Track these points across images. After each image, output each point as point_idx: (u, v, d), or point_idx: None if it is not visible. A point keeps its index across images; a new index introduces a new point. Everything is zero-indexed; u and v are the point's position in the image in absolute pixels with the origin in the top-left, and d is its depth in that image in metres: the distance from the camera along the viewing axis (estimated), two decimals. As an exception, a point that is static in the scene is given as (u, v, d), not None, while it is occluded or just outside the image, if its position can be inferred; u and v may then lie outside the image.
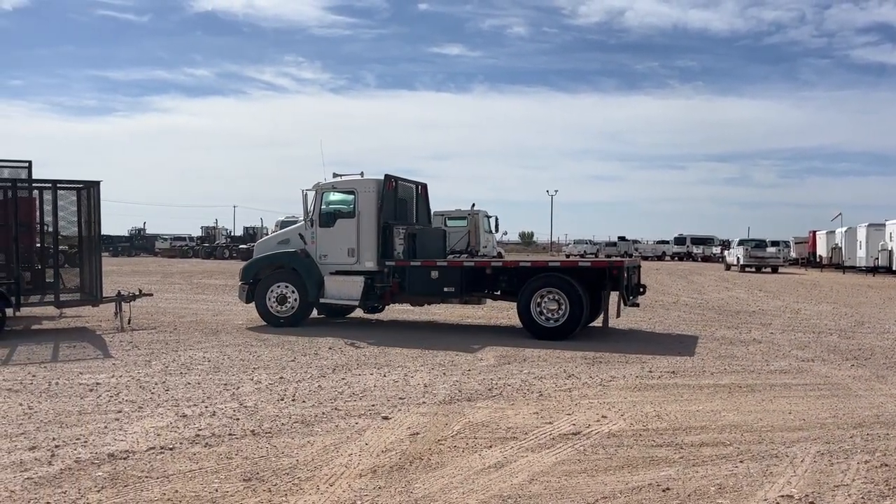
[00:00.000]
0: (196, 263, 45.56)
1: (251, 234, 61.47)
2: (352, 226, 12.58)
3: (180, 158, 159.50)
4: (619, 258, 14.80)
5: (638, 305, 12.81)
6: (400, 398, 6.99)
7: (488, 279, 12.30)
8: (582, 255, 68.09)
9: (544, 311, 11.38)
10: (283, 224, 49.86)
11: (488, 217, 30.72)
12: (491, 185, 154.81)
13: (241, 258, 50.33)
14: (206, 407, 6.55)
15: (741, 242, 43.33)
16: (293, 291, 12.54)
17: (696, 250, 60.87)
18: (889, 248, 35.08)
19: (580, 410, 6.54)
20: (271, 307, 12.62)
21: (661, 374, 8.34)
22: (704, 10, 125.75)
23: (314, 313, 13.28)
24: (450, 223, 30.00)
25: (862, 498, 4.30)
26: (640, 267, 13.21)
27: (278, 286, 12.62)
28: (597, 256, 68.14)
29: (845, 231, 43.28)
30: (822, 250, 47.34)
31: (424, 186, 14.18)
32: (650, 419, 6.23)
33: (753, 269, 38.82)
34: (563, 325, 11.33)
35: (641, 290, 12.54)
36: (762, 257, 39.33)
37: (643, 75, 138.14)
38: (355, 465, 4.93)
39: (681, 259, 60.43)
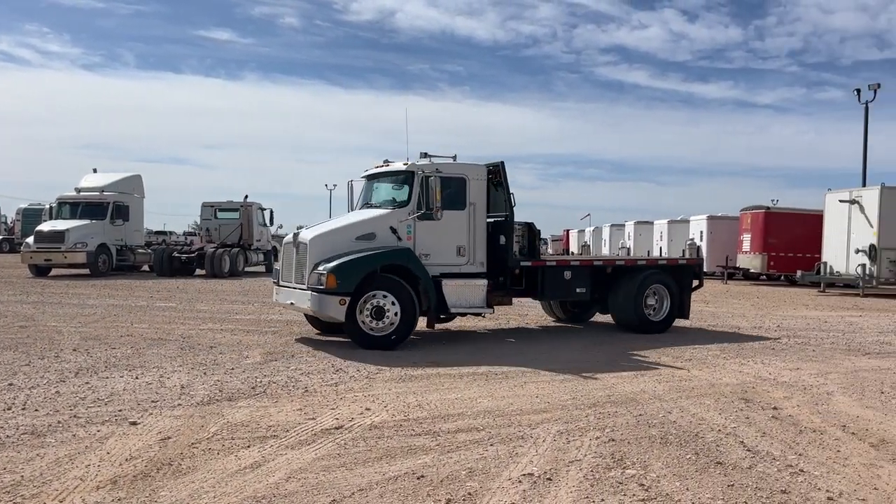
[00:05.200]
0: (-88, 255, 38.98)
1: (-14, 222, 53.96)
2: (461, 219, 10.64)
3: None
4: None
5: None
6: (152, 401, 6.51)
7: (608, 278, 12.05)
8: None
9: (647, 306, 12.00)
10: (24, 212, 44.50)
11: (262, 209, 29.82)
12: (267, 178, 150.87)
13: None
14: None
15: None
16: (393, 303, 9.76)
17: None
18: (627, 246, 39.60)
19: (345, 404, 6.54)
20: (363, 323, 9.74)
21: (426, 366, 8.61)
22: (469, 18, 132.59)
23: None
24: (220, 215, 28.73)
25: (591, 471, 4.75)
26: None
27: (374, 295, 9.75)
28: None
29: (592, 230, 48.32)
30: (574, 247, 52.16)
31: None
32: (412, 409, 6.40)
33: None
34: (665, 319, 12.17)
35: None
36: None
37: (415, 76, 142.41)
38: (93, 476, 4.49)
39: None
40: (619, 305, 12.09)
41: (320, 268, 9.71)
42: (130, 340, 10.12)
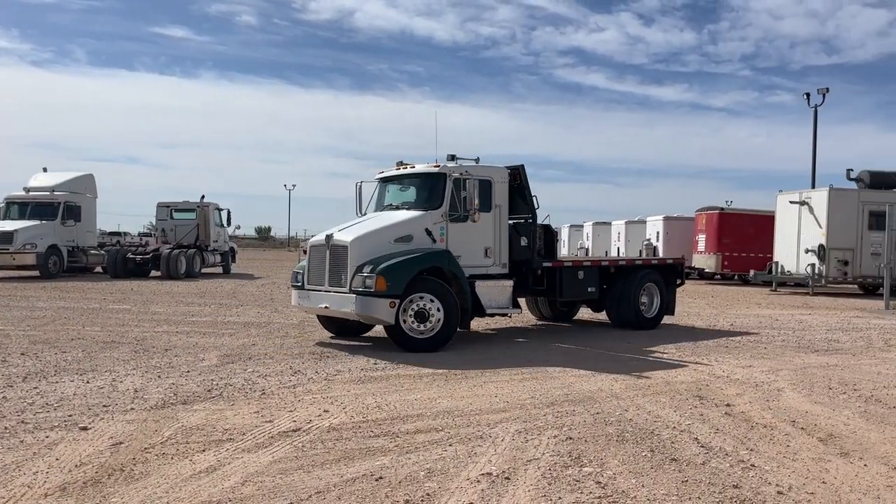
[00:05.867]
0: None
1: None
2: (488, 221, 10.76)
3: None
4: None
5: None
6: (104, 406, 6.36)
7: (610, 277, 12.49)
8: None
9: (641, 304, 12.66)
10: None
11: (219, 210, 29.39)
12: (224, 177, 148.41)
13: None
14: None
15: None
16: (439, 307, 9.70)
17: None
18: (586, 247, 40.04)
19: (303, 406, 6.48)
20: (406, 325, 9.65)
21: (385, 366, 8.58)
22: (428, 18, 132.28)
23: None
24: (176, 216, 28.26)
25: (549, 470, 4.78)
26: None
27: (421, 298, 9.67)
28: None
29: (553, 231, 48.67)
30: (534, 248, 52.61)
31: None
32: (370, 410, 6.37)
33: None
34: (656, 316, 12.90)
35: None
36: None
37: (374, 77, 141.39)
38: (41, 483, 4.36)
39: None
40: (617, 303, 12.55)
41: (365, 270, 9.55)
42: (82, 344, 9.88)
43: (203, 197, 28.49)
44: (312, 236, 11.04)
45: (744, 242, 27.99)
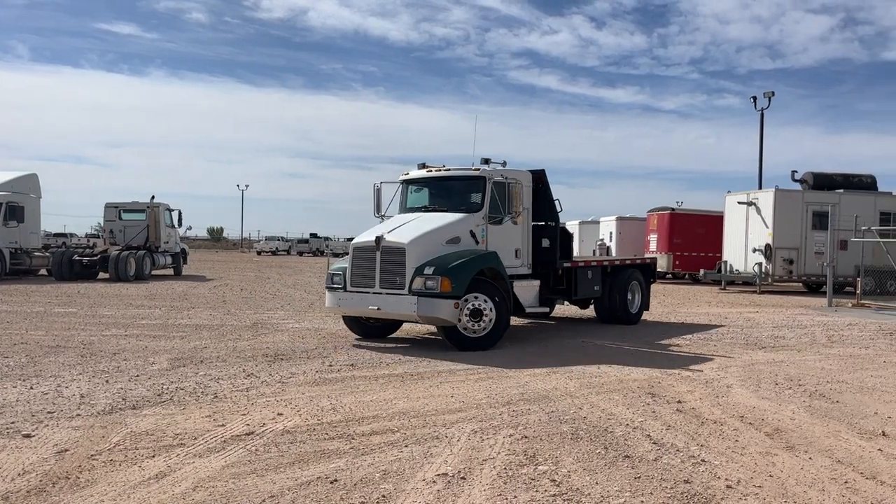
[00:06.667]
0: None
1: None
2: (518, 223, 11.11)
3: None
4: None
5: None
6: (48, 412, 6.16)
7: (605, 276, 12.99)
8: (274, 252, 67.26)
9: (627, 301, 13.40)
10: None
11: (170, 210, 28.78)
12: (175, 177, 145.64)
13: None
14: None
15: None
16: (491, 307, 9.93)
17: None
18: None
19: (256, 410, 6.38)
20: (462, 325, 9.84)
21: (341, 368, 8.52)
22: (382, 18, 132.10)
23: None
24: (125, 216, 27.60)
25: (505, 469, 4.80)
26: None
27: (476, 298, 9.86)
28: (289, 253, 67.86)
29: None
30: (490, 248, 52.75)
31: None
32: (325, 412, 6.31)
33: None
34: (639, 311, 13.76)
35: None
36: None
37: (328, 76, 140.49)
38: (-19, 494, 4.21)
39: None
40: (611, 300, 13.22)
41: (427, 271, 9.68)
42: (25, 348, 9.56)
43: (153, 197, 27.89)
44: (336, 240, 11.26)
45: (694, 242, 28.57)
